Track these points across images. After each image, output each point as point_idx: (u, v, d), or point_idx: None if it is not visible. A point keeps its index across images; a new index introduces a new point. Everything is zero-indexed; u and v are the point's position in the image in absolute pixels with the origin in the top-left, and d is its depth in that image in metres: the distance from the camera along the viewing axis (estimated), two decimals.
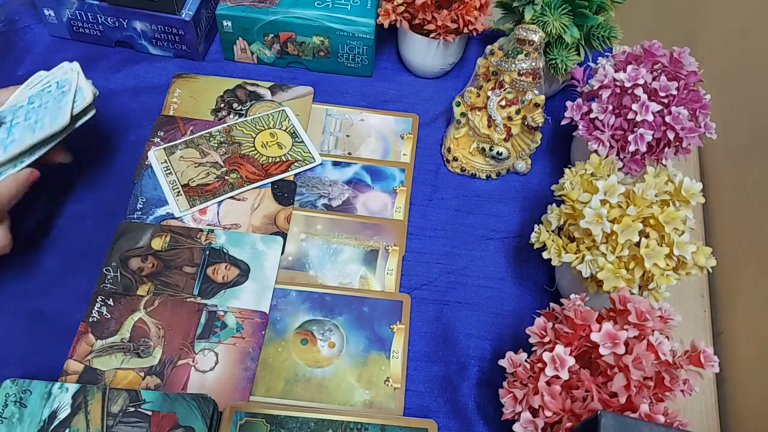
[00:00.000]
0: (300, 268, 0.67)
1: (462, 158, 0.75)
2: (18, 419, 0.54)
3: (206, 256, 0.66)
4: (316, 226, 0.70)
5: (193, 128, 0.76)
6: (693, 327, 0.69)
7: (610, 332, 0.50)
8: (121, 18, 0.79)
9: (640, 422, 0.44)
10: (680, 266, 0.56)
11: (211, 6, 0.82)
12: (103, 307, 0.62)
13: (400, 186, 0.73)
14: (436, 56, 0.80)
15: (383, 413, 0.59)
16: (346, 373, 0.61)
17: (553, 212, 0.62)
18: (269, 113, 0.78)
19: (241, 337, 0.62)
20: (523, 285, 0.69)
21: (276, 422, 0.57)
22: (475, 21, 0.74)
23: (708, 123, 0.65)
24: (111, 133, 0.76)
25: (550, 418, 0.50)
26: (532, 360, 0.54)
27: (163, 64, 0.83)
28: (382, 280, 0.67)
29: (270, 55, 0.82)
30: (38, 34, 0.84)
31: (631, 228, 0.55)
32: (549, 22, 0.69)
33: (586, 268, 0.57)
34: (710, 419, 0.64)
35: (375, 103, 0.81)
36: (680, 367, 0.51)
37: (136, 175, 0.72)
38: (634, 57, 0.68)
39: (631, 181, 0.59)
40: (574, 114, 0.68)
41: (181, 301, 0.63)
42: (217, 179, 0.71)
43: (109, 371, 0.59)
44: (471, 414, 0.61)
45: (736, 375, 0.67)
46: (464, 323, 0.66)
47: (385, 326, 0.64)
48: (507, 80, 0.70)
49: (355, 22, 0.77)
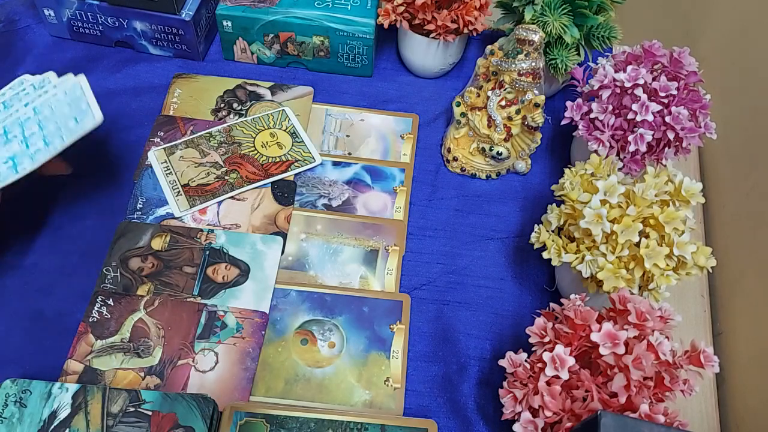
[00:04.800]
0: (300, 268, 0.67)
1: (462, 158, 0.75)
2: (18, 419, 0.54)
3: (206, 256, 0.66)
4: (316, 226, 0.70)
5: (193, 128, 0.76)
6: (693, 327, 0.69)
7: (610, 332, 0.50)
8: (121, 18, 0.79)
9: (640, 422, 0.44)
10: (680, 266, 0.56)
11: (211, 6, 0.82)
12: (103, 307, 0.62)
13: (400, 186, 0.73)
14: (436, 56, 0.80)
15: (383, 413, 0.59)
16: (346, 373, 0.61)
17: (553, 212, 0.62)
18: (269, 113, 0.78)
19: (241, 337, 0.62)
20: (523, 285, 0.69)
21: (276, 422, 0.57)
22: (475, 21, 0.74)
23: (708, 123, 0.65)
24: (111, 133, 0.76)
25: (550, 418, 0.50)
26: (532, 360, 0.54)
27: (163, 64, 0.83)
28: (382, 280, 0.67)
29: (270, 55, 0.82)
30: (38, 34, 0.84)
31: (631, 228, 0.55)
32: (549, 22, 0.69)
33: (586, 268, 0.57)
34: (710, 419, 0.64)
35: (375, 103, 0.81)
36: (680, 367, 0.51)
37: (136, 175, 0.72)
38: (634, 57, 0.68)
39: (631, 181, 0.59)
40: (574, 114, 0.68)
41: (181, 301, 0.63)
42: (217, 179, 0.71)
43: (109, 371, 0.59)
44: (471, 414, 0.61)
45: (736, 375, 0.67)
46: (464, 323, 0.66)
47: (385, 326, 0.64)
48: (507, 80, 0.70)
49: (355, 22, 0.77)
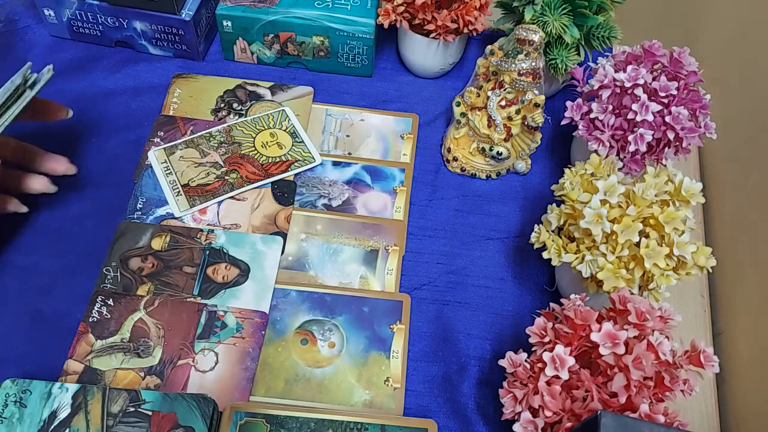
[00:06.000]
0: (300, 268, 0.67)
1: (462, 158, 0.75)
2: (18, 419, 0.54)
3: (206, 256, 0.66)
4: (316, 226, 0.70)
5: (193, 128, 0.76)
6: (693, 327, 0.69)
7: (610, 332, 0.50)
8: (121, 18, 0.79)
9: (640, 422, 0.44)
10: (680, 266, 0.56)
11: (211, 6, 0.82)
12: (103, 307, 0.62)
13: (400, 186, 0.73)
14: (436, 56, 0.80)
15: (383, 413, 0.59)
16: (346, 373, 0.61)
17: (553, 212, 0.62)
18: (269, 113, 0.77)
19: (241, 337, 0.62)
20: (523, 285, 0.69)
21: (276, 422, 0.57)
22: (475, 21, 0.74)
23: (708, 123, 0.65)
24: (111, 133, 0.76)
25: (550, 418, 0.50)
26: (532, 360, 0.54)
27: (163, 64, 0.83)
28: (382, 280, 0.67)
29: (270, 55, 0.82)
30: (38, 34, 0.84)
31: (631, 228, 0.55)
32: (549, 22, 0.69)
33: (586, 268, 0.57)
34: (710, 419, 0.64)
35: (375, 103, 0.81)
36: (680, 367, 0.51)
37: (136, 175, 0.72)
38: (634, 57, 0.68)
39: (631, 181, 0.59)
40: (574, 114, 0.68)
41: (181, 301, 0.63)
42: (217, 179, 0.71)
43: (109, 371, 0.59)
44: (471, 414, 0.61)
45: (736, 375, 0.67)
46: (464, 323, 0.66)
47: (385, 326, 0.64)
48: (507, 80, 0.70)
49: (355, 22, 0.77)
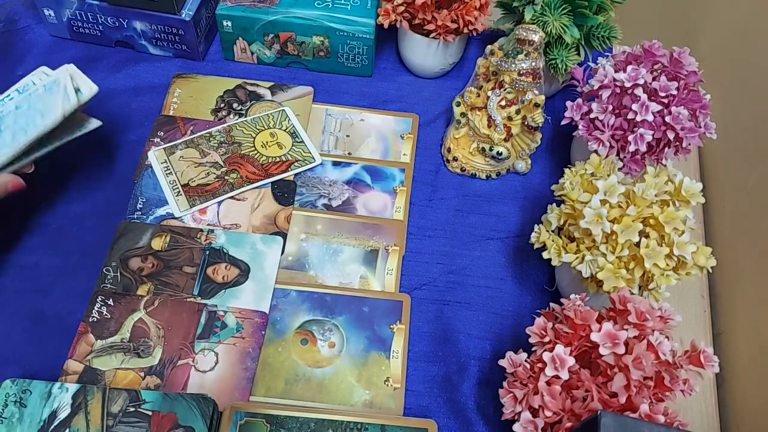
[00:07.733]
0: (300, 268, 0.67)
1: (462, 158, 0.75)
2: (18, 419, 0.54)
3: (206, 256, 0.66)
4: (316, 226, 0.70)
5: (193, 128, 0.76)
6: (693, 327, 0.69)
7: (610, 332, 0.50)
8: (121, 18, 0.79)
9: (640, 422, 0.44)
10: (680, 266, 0.56)
11: (211, 6, 0.82)
12: (103, 307, 0.62)
13: (400, 186, 0.73)
14: (436, 56, 0.80)
15: (383, 413, 0.59)
16: (346, 373, 0.61)
17: (553, 212, 0.62)
18: (269, 113, 0.77)
19: (241, 337, 0.62)
20: (523, 285, 0.69)
21: (276, 422, 0.57)
22: (475, 21, 0.74)
23: (708, 123, 0.65)
24: (111, 133, 0.76)
25: (550, 418, 0.50)
26: (532, 360, 0.54)
27: (163, 64, 0.83)
28: (382, 280, 0.67)
29: (270, 55, 0.82)
30: (38, 34, 0.84)
31: (631, 228, 0.55)
32: (549, 22, 0.69)
33: (586, 268, 0.57)
34: (710, 419, 0.64)
35: (375, 103, 0.81)
36: (680, 367, 0.51)
37: (136, 175, 0.72)
38: (634, 57, 0.68)
39: (631, 181, 0.59)
40: (574, 114, 0.68)
41: (181, 301, 0.63)
42: (217, 179, 0.71)
43: (109, 371, 0.59)
44: (471, 414, 0.61)
45: (736, 375, 0.67)
46: (464, 323, 0.66)
47: (385, 326, 0.64)
48: (507, 80, 0.70)
49: (355, 22, 0.77)
